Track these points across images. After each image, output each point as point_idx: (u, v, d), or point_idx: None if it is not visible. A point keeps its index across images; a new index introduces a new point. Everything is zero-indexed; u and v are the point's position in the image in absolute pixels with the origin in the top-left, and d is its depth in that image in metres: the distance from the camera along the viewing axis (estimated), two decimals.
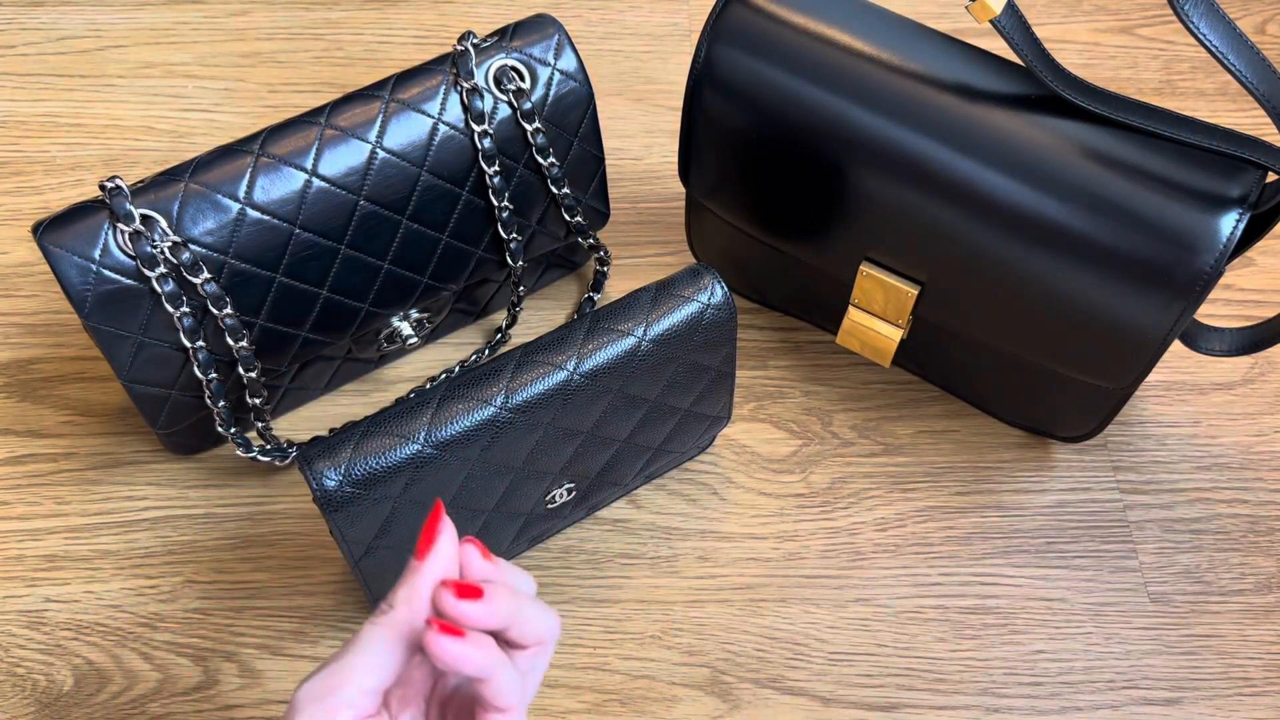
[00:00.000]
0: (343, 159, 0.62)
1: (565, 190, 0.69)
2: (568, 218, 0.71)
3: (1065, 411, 0.67)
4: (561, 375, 0.56)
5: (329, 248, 0.63)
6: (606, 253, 0.76)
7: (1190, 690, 0.63)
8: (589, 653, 0.64)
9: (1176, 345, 0.75)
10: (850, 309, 0.68)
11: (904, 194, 0.61)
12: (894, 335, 0.68)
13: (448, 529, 0.41)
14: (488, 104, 0.65)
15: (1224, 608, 0.66)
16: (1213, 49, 0.53)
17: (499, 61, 0.65)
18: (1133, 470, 0.70)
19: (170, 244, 0.59)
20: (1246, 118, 0.86)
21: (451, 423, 0.54)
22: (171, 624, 0.64)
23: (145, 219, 0.58)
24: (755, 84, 0.63)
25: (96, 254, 0.58)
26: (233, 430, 0.65)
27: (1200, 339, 0.66)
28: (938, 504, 0.69)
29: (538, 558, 0.67)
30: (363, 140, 0.63)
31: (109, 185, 0.58)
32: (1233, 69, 0.54)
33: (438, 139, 0.64)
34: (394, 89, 0.64)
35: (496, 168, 0.66)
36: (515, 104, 0.65)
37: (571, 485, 0.62)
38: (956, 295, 0.64)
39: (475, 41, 0.65)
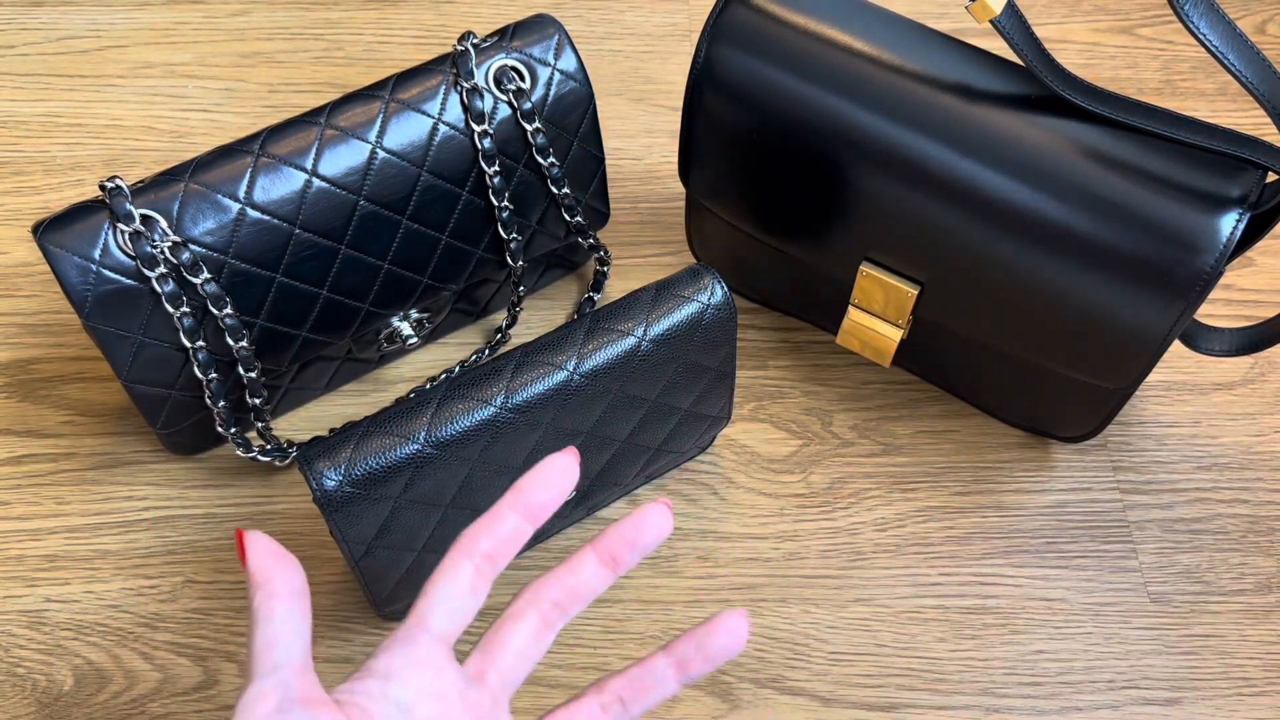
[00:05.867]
0: (343, 159, 0.62)
1: (565, 190, 0.69)
2: (568, 218, 0.71)
3: (1065, 411, 0.67)
4: (561, 375, 0.56)
5: (329, 248, 0.63)
6: (606, 253, 0.76)
7: (1190, 690, 0.63)
8: (589, 653, 0.64)
9: (1176, 345, 0.75)
10: (850, 309, 0.68)
11: (904, 194, 0.61)
12: (894, 335, 0.68)
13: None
14: (488, 104, 0.65)
15: (1224, 608, 0.66)
16: (1213, 49, 0.53)
17: (499, 61, 0.65)
18: (1133, 470, 0.70)
19: (170, 244, 0.59)
20: (1247, 118, 0.86)
21: (451, 422, 0.54)
22: (172, 624, 0.64)
23: (145, 219, 0.58)
24: (755, 84, 0.63)
25: (96, 254, 0.58)
26: (233, 430, 0.65)
27: (1200, 339, 0.66)
28: (938, 504, 0.69)
29: (538, 558, 0.67)
30: (363, 140, 0.63)
31: (109, 185, 0.58)
32: (1233, 69, 0.54)
33: (438, 139, 0.64)
34: (394, 89, 0.64)
35: (496, 168, 0.66)
36: (515, 104, 0.65)
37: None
38: (956, 295, 0.64)
39: (475, 41, 0.65)
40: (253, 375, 0.63)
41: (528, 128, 0.66)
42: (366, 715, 0.37)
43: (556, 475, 0.41)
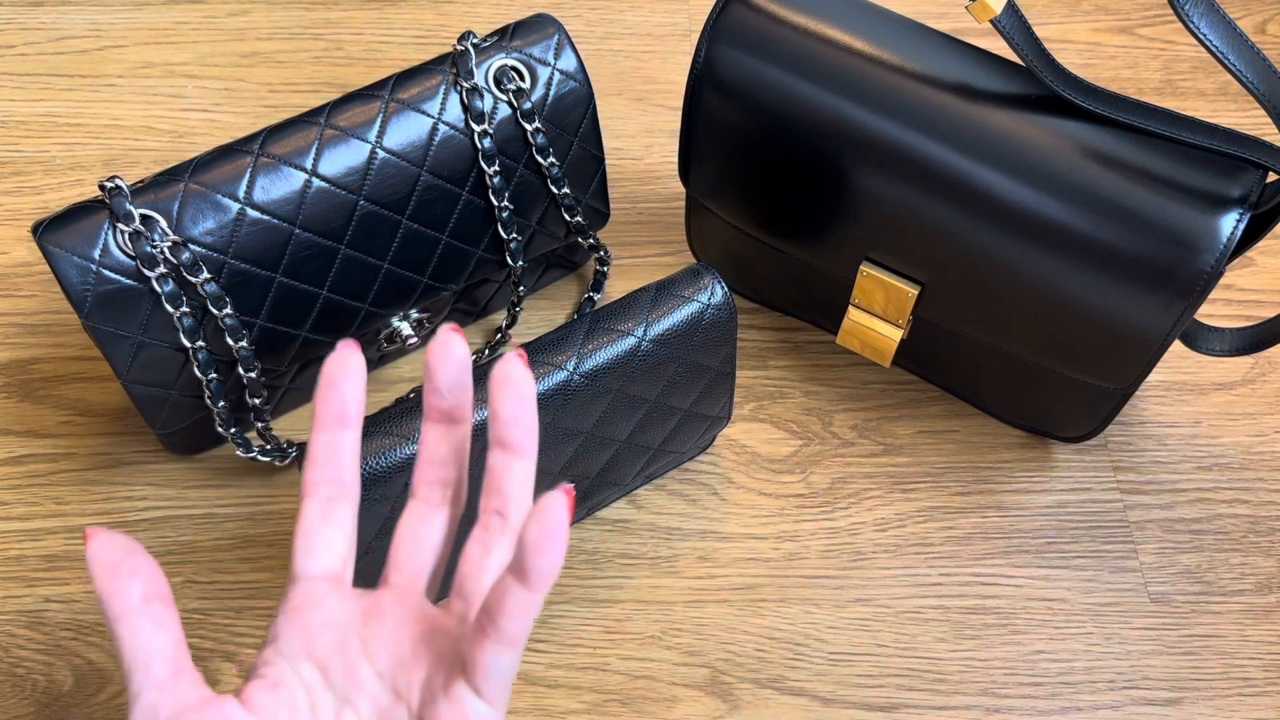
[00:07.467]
0: (342, 159, 0.62)
1: (565, 190, 0.69)
2: (568, 218, 0.71)
3: (1065, 411, 0.67)
4: (561, 375, 0.56)
5: (329, 248, 0.63)
6: (606, 253, 0.76)
7: (1191, 690, 0.63)
8: (589, 653, 0.64)
9: (1177, 345, 0.75)
10: (850, 309, 0.68)
11: (904, 194, 0.61)
12: (894, 335, 0.68)
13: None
14: (487, 104, 0.65)
15: (1224, 608, 0.66)
16: (1213, 49, 0.53)
17: (499, 61, 0.65)
18: (1133, 470, 0.70)
19: (170, 244, 0.59)
20: (1247, 118, 0.86)
21: None
22: None
23: (145, 219, 0.58)
24: (755, 84, 0.63)
25: (96, 254, 0.58)
26: (232, 430, 0.65)
27: (1200, 339, 0.66)
28: (938, 504, 0.69)
29: None
30: (363, 140, 0.63)
31: (109, 185, 0.58)
32: (1233, 69, 0.54)
33: (438, 139, 0.64)
34: (394, 89, 0.64)
35: (496, 168, 0.66)
36: (515, 104, 0.65)
37: (571, 486, 0.62)
38: (957, 295, 0.64)
39: (475, 41, 0.65)
40: (252, 375, 0.63)
41: (528, 127, 0.66)
42: (277, 681, 0.38)
43: (342, 373, 0.40)
